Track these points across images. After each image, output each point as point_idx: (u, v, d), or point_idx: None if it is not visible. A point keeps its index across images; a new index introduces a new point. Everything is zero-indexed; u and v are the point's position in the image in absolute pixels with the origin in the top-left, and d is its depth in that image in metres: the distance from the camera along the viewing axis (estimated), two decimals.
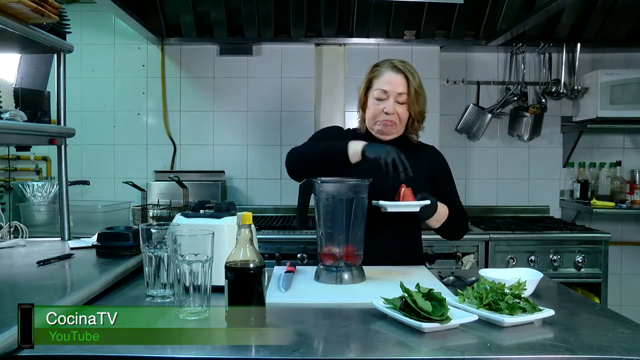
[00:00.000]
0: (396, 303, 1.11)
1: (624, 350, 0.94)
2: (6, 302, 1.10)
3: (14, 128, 1.65)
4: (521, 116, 3.31)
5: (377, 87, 1.69)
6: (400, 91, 1.66)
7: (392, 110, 1.67)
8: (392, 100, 1.67)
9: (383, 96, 1.67)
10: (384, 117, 1.68)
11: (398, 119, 1.69)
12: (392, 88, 1.67)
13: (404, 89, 1.67)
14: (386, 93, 1.67)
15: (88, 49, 3.25)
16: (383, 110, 1.67)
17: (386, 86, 1.67)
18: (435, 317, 1.03)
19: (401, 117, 1.69)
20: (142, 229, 1.23)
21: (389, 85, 1.67)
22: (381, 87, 1.68)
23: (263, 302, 1.06)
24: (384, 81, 1.68)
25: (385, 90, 1.67)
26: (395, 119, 1.68)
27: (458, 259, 2.69)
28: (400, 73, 1.68)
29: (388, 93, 1.67)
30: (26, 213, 2.86)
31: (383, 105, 1.67)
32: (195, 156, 3.33)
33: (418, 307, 1.04)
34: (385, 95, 1.67)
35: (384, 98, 1.67)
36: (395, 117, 1.68)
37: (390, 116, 1.67)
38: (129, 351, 0.92)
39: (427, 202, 1.52)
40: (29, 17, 1.58)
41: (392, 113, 1.67)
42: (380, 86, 1.68)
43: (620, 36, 3.16)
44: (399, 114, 1.68)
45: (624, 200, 3.17)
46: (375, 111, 1.69)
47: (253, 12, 3.02)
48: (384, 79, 1.68)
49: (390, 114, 1.67)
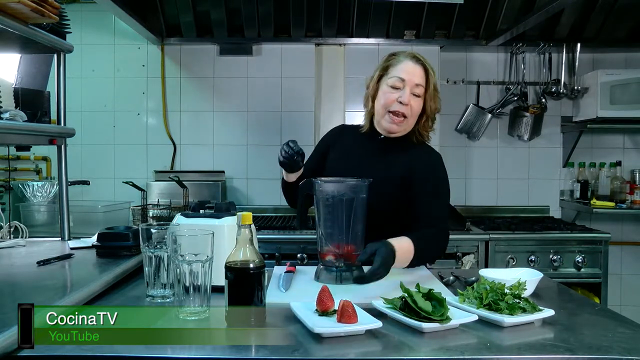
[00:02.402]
0: (396, 303, 1.11)
1: (624, 350, 0.94)
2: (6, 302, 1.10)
3: (14, 128, 1.65)
4: (521, 116, 3.31)
5: (394, 74, 1.59)
6: (417, 82, 1.59)
7: (408, 100, 1.57)
8: (408, 91, 1.58)
9: (399, 84, 1.58)
10: (397, 107, 1.58)
11: (410, 112, 1.60)
12: (410, 77, 1.58)
13: (421, 81, 1.59)
14: (403, 82, 1.58)
15: (88, 49, 3.25)
16: (397, 100, 1.58)
17: (404, 74, 1.58)
18: (435, 317, 1.03)
19: (414, 110, 1.60)
20: (142, 229, 1.23)
21: (407, 74, 1.58)
22: (398, 75, 1.59)
23: (263, 302, 1.06)
24: (401, 69, 1.59)
25: (403, 79, 1.58)
26: (408, 112, 1.59)
27: (458, 259, 2.69)
28: (420, 64, 1.61)
29: (405, 82, 1.58)
30: (26, 213, 2.86)
31: (398, 94, 1.58)
32: (195, 156, 3.33)
33: (418, 307, 1.04)
34: (402, 84, 1.58)
35: (399, 87, 1.59)
36: (408, 109, 1.59)
37: (403, 107, 1.58)
38: (129, 351, 0.92)
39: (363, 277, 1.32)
40: (29, 17, 1.58)
41: (407, 104, 1.58)
42: (398, 74, 1.59)
43: (620, 36, 3.16)
44: (412, 107, 1.59)
45: (624, 200, 3.17)
46: (388, 100, 1.60)
47: (253, 12, 3.02)
48: (402, 67, 1.60)
49: (405, 105, 1.58)
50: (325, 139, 1.88)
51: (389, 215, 1.63)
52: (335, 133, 1.87)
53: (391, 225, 1.59)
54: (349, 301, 1.05)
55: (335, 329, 1.01)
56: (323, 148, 1.84)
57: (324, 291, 1.11)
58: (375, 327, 1.02)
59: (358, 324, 1.02)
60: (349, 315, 1.03)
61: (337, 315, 1.04)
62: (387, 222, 1.61)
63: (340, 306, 1.04)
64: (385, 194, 1.59)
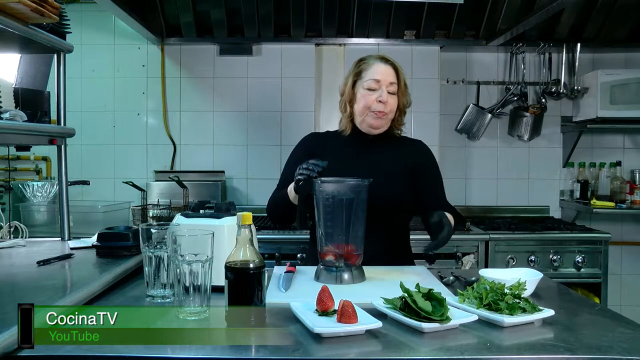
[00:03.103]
0: (396, 303, 1.11)
1: (624, 350, 0.94)
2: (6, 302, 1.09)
3: (14, 128, 1.65)
4: (521, 116, 3.31)
5: (369, 77, 1.69)
6: (391, 81, 1.69)
7: (386, 98, 1.67)
8: (385, 90, 1.68)
9: (375, 86, 1.68)
10: (377, 106, 1.68)
11: (389, 109, 1.70)
12: (384, 77, 1.68)
13: (394, 79, 1.70)
14: (378, 82, 1.68)
15: (88, 49, 3.25)
16: (376, 100, 1.67)
17: (378, 76, 1.68)
18: (435, 317, 1.03)
19: (392, 107, 1.70)
20: (142, 229, 1.23)
21: (381, 74, 1.68)
22: (373, 77, 1.69)
23: (263, 302, 1.06)
24: (375, 71, 1.69)
25: (378, 80, 1.68)
26: (387, 109, 1.69)
27: (458, 259, 2.69)
28: (390, 64, 1.71)
29: (380, 82, 1.68)
30: (26, 213, 2.86)
31: (376, 94, 1.68)
32: (195, 156, 3.33)
33: (418, 307, 1.05)
34: (378, 85, 1.68)
35: (375, 88, 1.68)
36: (387, 106, 1.69)
37: (383, 106, 1.68)
38: (129, 351, 0.92)
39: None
40: (29, 17, 1.58)
41: (385, 102, 1.67)
42: (372, 76, 1.69)
43: (620, 36, 3.16)
44: (390, 104, 1.69)
45: (624, 200, 3.18)
46: (367, 102, 1.69)
47: (253, 12, 3.02)
48: (375, 69, 1.70)
49: (384, 103, 1.67)
50: (306, 147, 1.82)
51: (392, 209, 1.70)
52: (314, 140, 1.85)
53: (396, 218, 1.70)
54: (349, 301, 1.05)
55: (335, 329, 1.01)
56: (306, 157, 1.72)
57: (324, 291, 1.11)
58: (375, 327, 1.02)
59: (358, 324, 1.02)
60: (349, 315, 1.03)
61: (337, 315, 1.04)
62: (391, 215, 1.69)
63: (340, 306, 1.04)
64: (389, 189, 1.66)
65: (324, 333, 0.99)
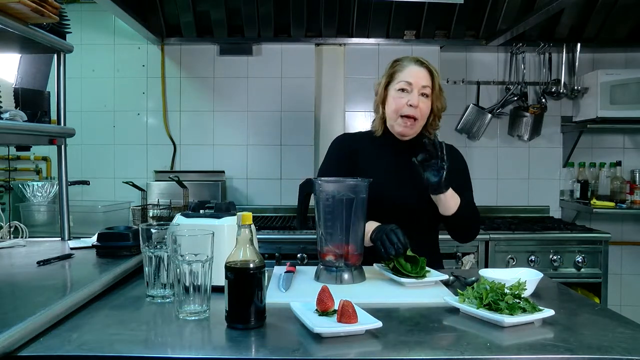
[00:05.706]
0: (389, 264, 1.44)
1: (624, 350, 0.94)
2: (6, 302, 1.09)
3: (14, 128, 1.65)
4: (521, 116, 3.31)
5: (401, 79, 1.67)
6: (424, 84, 1.66)
7: (417, 102, 1.65)
8: (417, 93, 1.65)
9: (407, 88, 1.66)
10: (407, 110, 1.65)
11: (420, 114, 1.67)
12: (416, 80, 1.66)
13: (428, 82, 1.67)
14: (410, 85, 1.66)
15: (88, 49, 3.25)
16: (407, 103, 1.65)
17: (410, 78, 1.66)
18: (412, 273, 1.38)
19: (423, 112, 1.67)
20: (142, 229, 1.23)
21: (414, 77, 1.66)
22: (405, 79, 1.66)
23: (263, 302, 1.06)
24: (407, 74, 1.67)
25: (410, 82, 1.66)
26: (418, 114, 1.66)
27: (458, 259, 2.69)
28: (424, 67, 1.69)
29: (412, 85, 1.66)
30: (26, 213, 2.86)
31: (407, 98, 1.66)
32: (195, 156, 3.33)
33: (401, 265, 1.40)
34: (410, 87, 1.66)
35: (407, 90, 1.66)
36: (418, 111, 1.66)
37: (413, 110, 1.65)
38: (129, 351, 0.92)
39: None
40: (29, 17, 1.58)
41: (416, 106, 1.65)
42: (404, 78, 1.67)
43: (620, 36, 3.16)
44: (422, 108, 1.66)
45: (624, 200, 3.18)
46: (398, 104, 1.67)
47: (253, 12, 3.02)
48: (408, 71, 1.67)
49: (414, 107, 1.65)
50: (343, 147, 1.81)
51: (427, 212, 1.71)
52: (349, 141, 1.84)
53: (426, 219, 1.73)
54: (349, 301, 1.05)
55: (335, 329, 1.01)
56: (347, 155, 1.78)
57: (324, 291, 1.11)
58: (375, 327, 1.02)
59: (358, 324, 1.02)
60: (349, 315, 1.03)
61: (337, 315, 1.04)
62: (420, 217, 1.72)
63: (340, 306, 1.04)
64: (425, 192, 1.64)
65: (324, 333, 0.99)
